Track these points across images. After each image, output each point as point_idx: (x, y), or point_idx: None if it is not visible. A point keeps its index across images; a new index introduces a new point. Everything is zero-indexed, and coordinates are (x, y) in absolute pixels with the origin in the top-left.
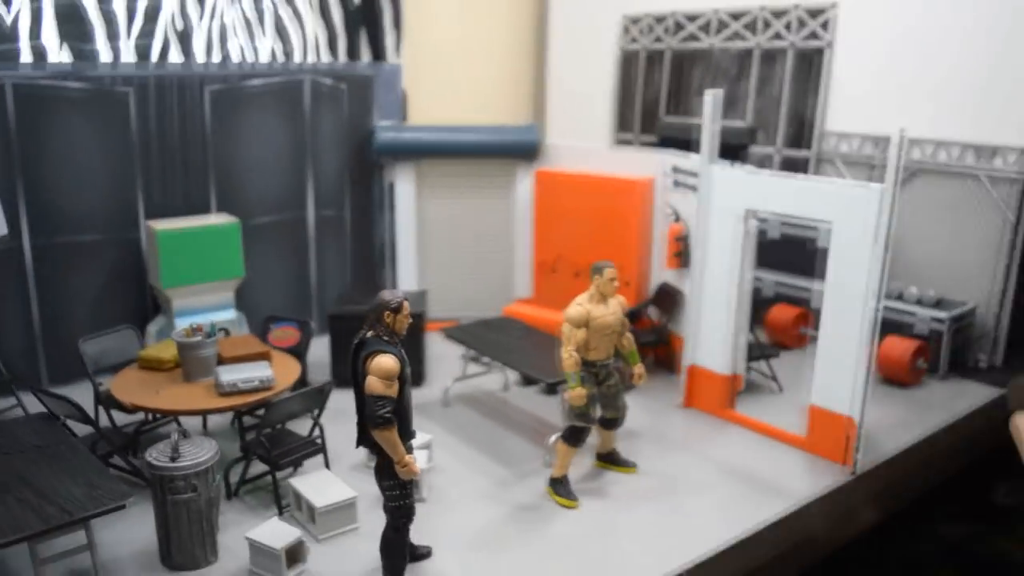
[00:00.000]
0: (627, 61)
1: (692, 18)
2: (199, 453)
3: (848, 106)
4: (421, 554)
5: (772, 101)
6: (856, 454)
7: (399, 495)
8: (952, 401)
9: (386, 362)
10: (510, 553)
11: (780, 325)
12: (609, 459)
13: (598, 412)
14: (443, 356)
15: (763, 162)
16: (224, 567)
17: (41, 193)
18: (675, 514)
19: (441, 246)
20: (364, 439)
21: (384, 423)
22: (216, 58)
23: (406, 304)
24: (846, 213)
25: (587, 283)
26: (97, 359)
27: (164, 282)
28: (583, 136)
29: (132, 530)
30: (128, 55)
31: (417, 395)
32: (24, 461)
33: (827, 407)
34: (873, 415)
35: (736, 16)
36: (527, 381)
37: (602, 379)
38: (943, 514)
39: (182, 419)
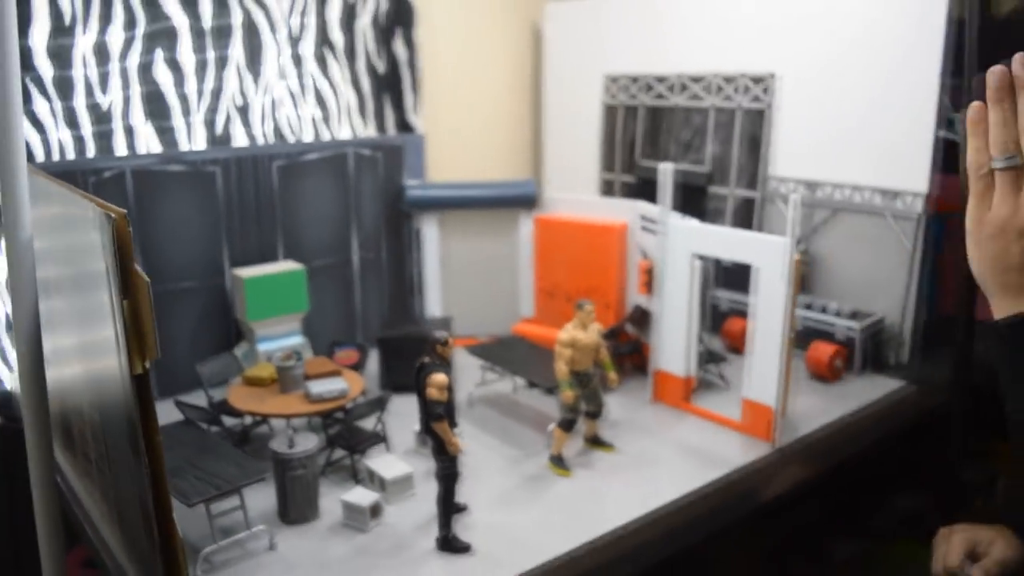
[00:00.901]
0: (609, 113)
1: (660, 80)
2: (307, 444)
3: (786, 156)
4: (460, 508)
5: (727, 150)
6: (775, 433)
7: (449, 464)
8: (864, 392)
9: (439, 378)
10: (522, 508)
11: (734, 334)
12: (594, 441)
13: (583, 407)
14: (465, 366)
15: (721, 200)
16: (324, 522)
17: (152, 253)
18: (643, 480)
19: (460, 278)
20: (427, 429)
21: (438, 418)
22: (268, 125)
23: (451, 339)
24: (763, 258)
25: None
26: (209, 379)
27: (250, 316)
28: (574, 176)
29: (254, 500)
30: (199, 128)
31: None
32: (187, 452)
33: (756, 399)
34: (800, 404)
35: (695, 80)
36: (531, 385)
37: (585, 383)
38: (853, 480)
39: (273, 422)
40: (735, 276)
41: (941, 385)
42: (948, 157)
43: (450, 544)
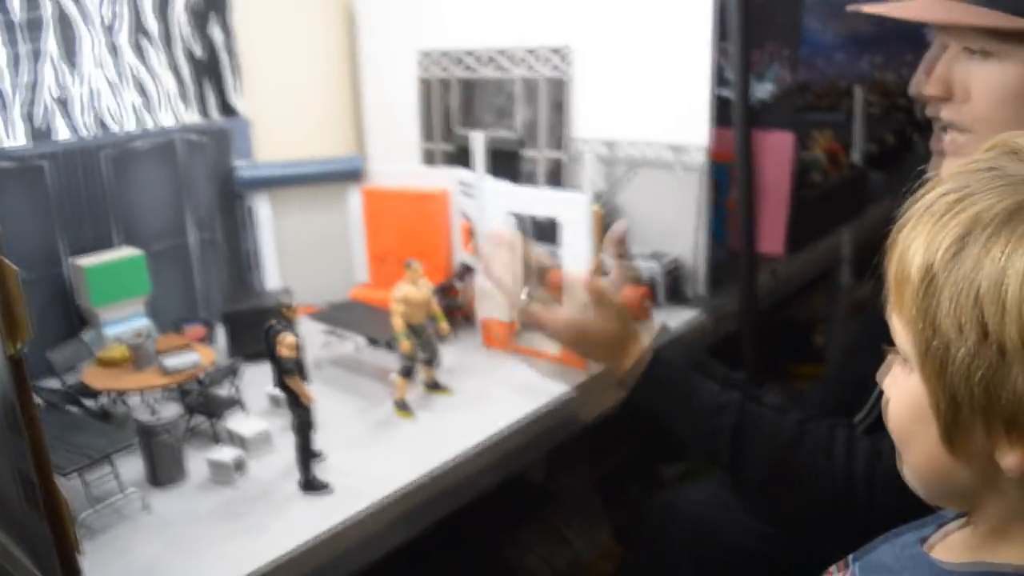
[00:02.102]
0: (424, 87)
1: (470, 53)
2: (169, 412)
3: (586, 120)
4: (317, 455)
5: (535, 117)
6: (589, 362)
7: (304, 415)
8: (666, 321)
9: (288, 338)
10: (373, 449)
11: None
12: (432, 386)
13: (420, 355)
14: (309, 333)
15: (533, 163)
16: (192, 482)
17: None
18: (478, 414)
19: (296, 252)
20: (280, 384)
21: (291, 373)
22: (90, 116)
23: (295, 304)
24: (566, 212)
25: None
26: (61, 364)
27: (93, 303)
28: (396, 148)
29: (123, 467)
30: (18, 122)
31: None
32: (55, 431)
33: None
34: None
35: (502, 52)
36: (372, 343)
37: (420, 334)
38: None
39: (129, 400)
40: (551, 229)
41: (732, 313)
42: (722, 113)
43: (311, 485)
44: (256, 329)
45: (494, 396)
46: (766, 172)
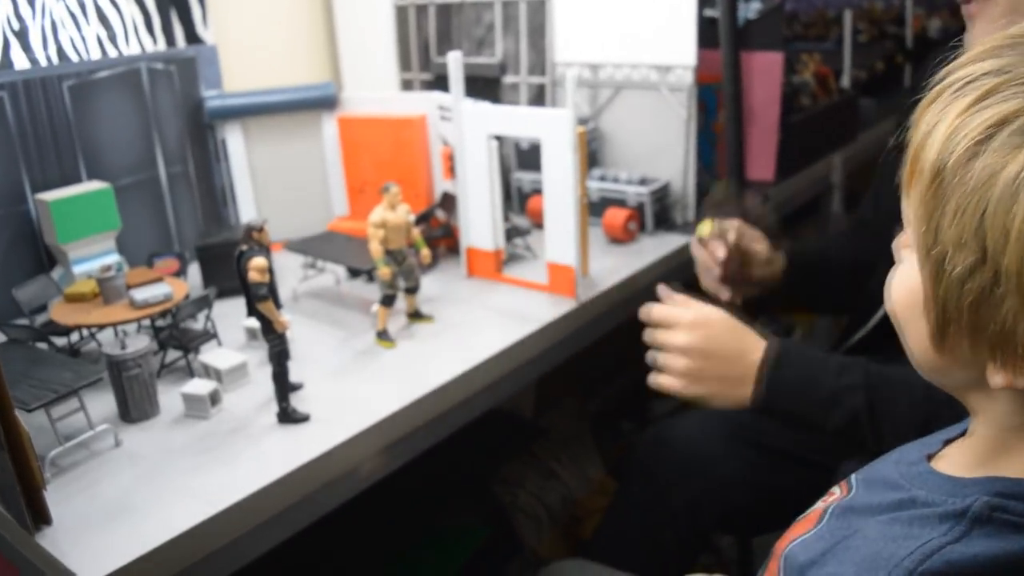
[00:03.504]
0: (401, 14)
1: None
2: (138, 344)
3: (568, 43)
4: (295, 387)
5: (515, 42)
6: (578, 289)
7: (278, 342)
8: (655, 249)
9: (258, 261)
10: (353, 379)
11: (537, 211)
12: (414, 315)
13: (401, 284)
14: (287, 267)
15: (514, 89)
16: (166, 417)
17: None
18: (461, 343)
19: (271, 184)
20: (252, 311)
21: (263, 299)
22: (52, 48)
23: (266, 226)
24: (549, 131)
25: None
26: (28, 302)
27: (60, 239)
28: (373, 78)
29: (93, 404)
30: None
31: None
32: (20, 367)
33: (558, 261)
34: (597, 265)
35: None
36: (353, 274)
37: (400, 261)
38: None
39: (100, 337)
40: (533, 158)
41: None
42: (708, 35)
43: (289, 416)
44: (230, 263)
45: (479, 323)
46: (754, 94)
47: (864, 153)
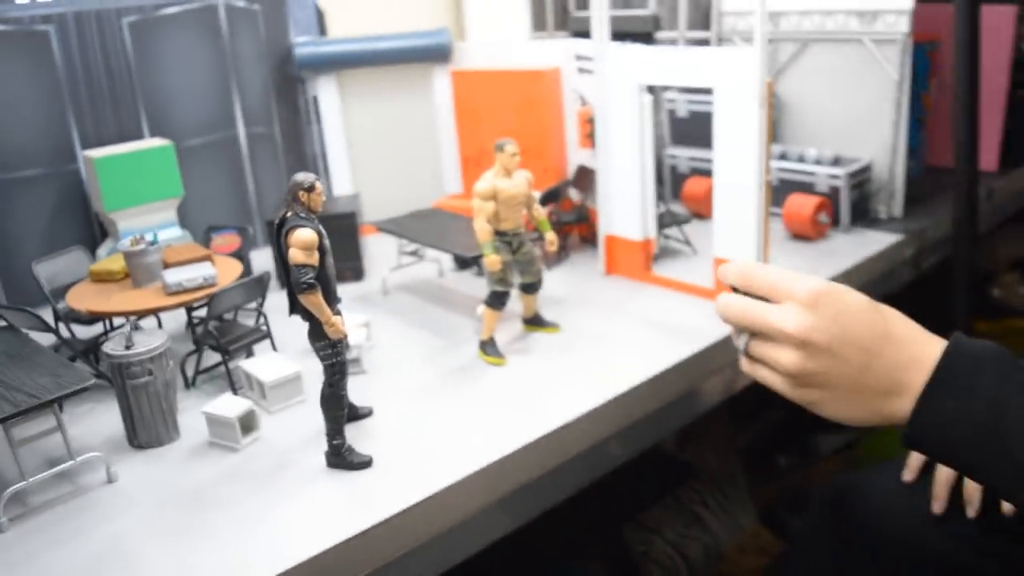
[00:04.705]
0: None
1: None
2: (151, 341)
3: None
4: (363, 414)
5: None
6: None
7: (331, 353)
8: (855, 250)
9: (304, 235)
10: (442, 404)
11: (697, 197)
12: (534, 322)
13: (516, 278)
14: (381, 253)
15: (670, 45)
16: (186, 443)
17: None
18: (594, 362)
19: (370, 152)
20: (295, 307)
21: (308, 288)
22: None
23: (319, 184)
24: (727, 78)
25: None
26: (51, 279)
27: (106, 206)
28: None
29: (100, 422)
30: None
31: (357, 288)
32: None
33: (730, 258)
34: (781, 266)
35: None
36: (461, 265)
37: (516, 248)
38: None
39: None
40: (691, 128)
41: (937, 241)
42: None
43: (342, 458)
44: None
45: (620, 338)
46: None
47: None
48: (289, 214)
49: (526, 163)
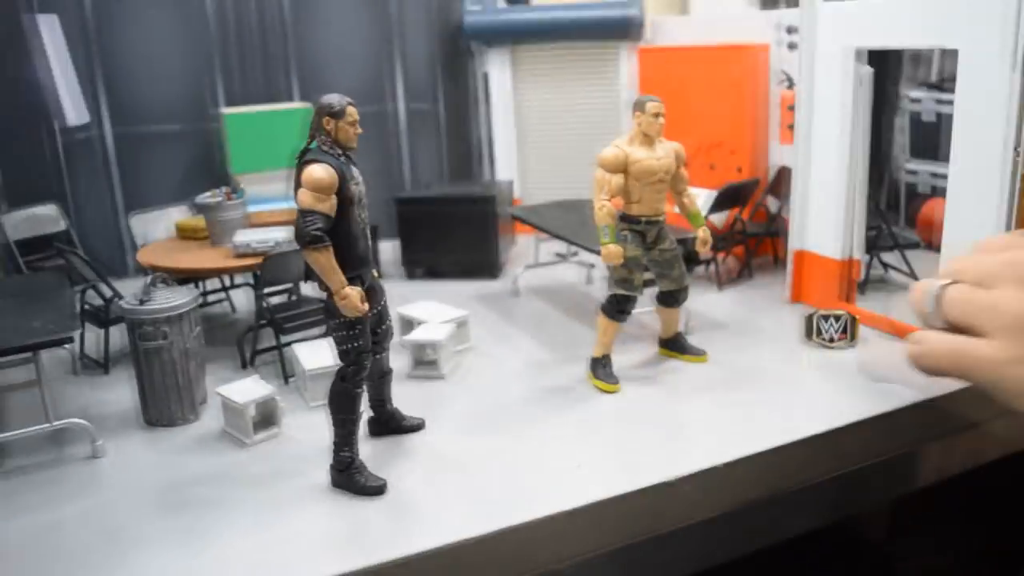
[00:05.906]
0: None
1: None
2: (172, 298)
3: None
4: (411, 425)
5: None
6: None
7: (345, 336)
8: None
9: (317, 171)
10: (512, 433)
11: (933, 222)
12: (674, 346)
13: (647, 275)
14: (525, 253)
15: None
16: (201, 427)
17: (120, 84)
18: (735, 406)
19: (542, 139)
20: (311, 271)
21: (313, 241)
22: None
23: (351, 109)
24: (973, 33)
25: (706, 163)
26: (145, 234)
27: (234, 167)
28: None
29: (126, 389)
30: None
31: (487, 287)
32: (9, 304)
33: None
34: None
35: None
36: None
37: (652, 241)
38: None
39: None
40: (936, 137)
41: None
42: None
43: (350, 478)
44: (433, 231)
45: (776, 377)
46: None
47: None
48: (314, 144)
49: (712, 158)
